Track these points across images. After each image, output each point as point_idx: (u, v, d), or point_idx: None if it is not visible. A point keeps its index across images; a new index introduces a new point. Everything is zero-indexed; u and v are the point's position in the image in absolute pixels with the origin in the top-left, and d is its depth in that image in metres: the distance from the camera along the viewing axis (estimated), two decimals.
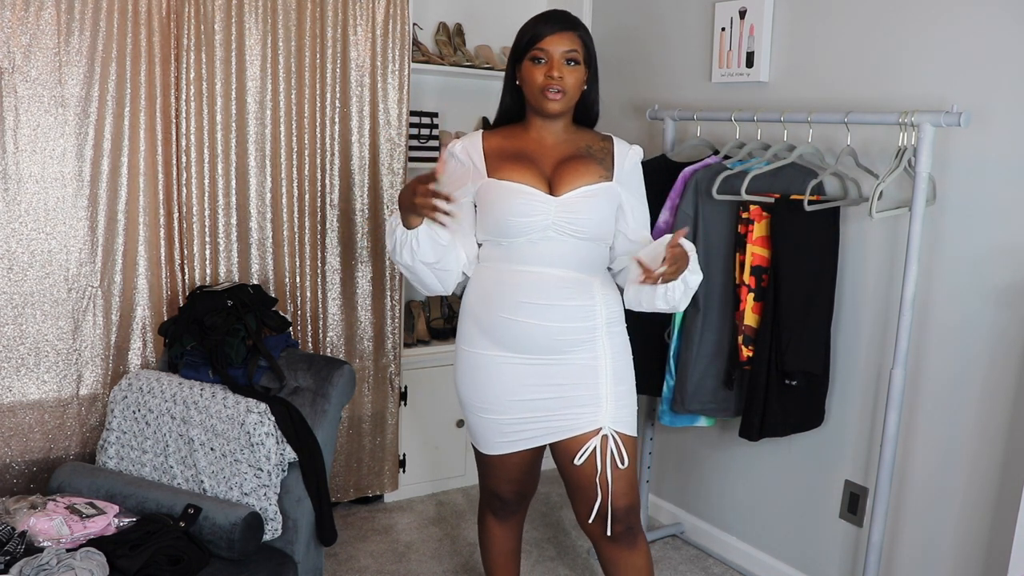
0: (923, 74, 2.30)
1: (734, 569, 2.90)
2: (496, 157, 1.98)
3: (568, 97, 1.93)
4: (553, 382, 1.96)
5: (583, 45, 1.94)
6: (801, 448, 2.69)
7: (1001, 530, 2.19)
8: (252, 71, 2.74)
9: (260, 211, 2.81)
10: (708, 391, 2.55)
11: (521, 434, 2.01)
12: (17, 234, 2.46)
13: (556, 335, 1.93)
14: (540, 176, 1.94)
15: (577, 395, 1.95)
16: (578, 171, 1.94)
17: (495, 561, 2.30)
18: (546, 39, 1.90)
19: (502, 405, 1.99)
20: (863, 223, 2.47)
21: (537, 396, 1.97)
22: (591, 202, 1.93)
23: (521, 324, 1.93)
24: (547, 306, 1.92)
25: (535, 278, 1.93)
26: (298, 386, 2.42)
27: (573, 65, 1.92)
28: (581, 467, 1.94)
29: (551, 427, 1.98)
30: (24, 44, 2.39)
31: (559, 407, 1.96)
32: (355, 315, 3.05)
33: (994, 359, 2.19)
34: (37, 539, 1.98)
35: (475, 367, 2.01)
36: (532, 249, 1.93)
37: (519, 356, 1.96)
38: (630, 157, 2.02)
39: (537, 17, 1.97)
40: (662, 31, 3.12)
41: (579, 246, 1.95)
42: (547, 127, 1.99)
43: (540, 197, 1.91)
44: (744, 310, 2.44)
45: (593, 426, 1.94)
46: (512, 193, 1.92)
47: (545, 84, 1.90)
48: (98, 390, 2.61)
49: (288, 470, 2.26)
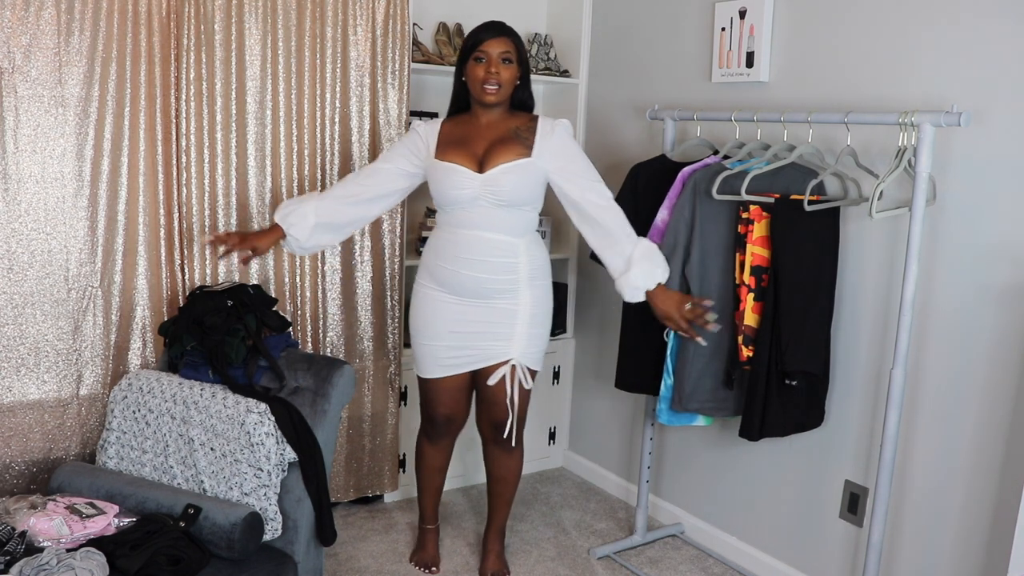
0: (923, 74, 2.30)
1: (734, 569, 2.90)
2: (445, 142, 2.46)
3: (503, 90, 2.41)
4: (479, 319, 2.47)
5: (516, 48, 2.43)
6: (801, 448, 2.69)
7: (1001, 530, 2.19)
8: (252, 71, 2.74)
9: (260, 211, 2.81)
10: (706, 390, 2.55)
11: (452, 360, 2.53)
12: (17, 234, 2.46)
13: (483, 284, 2.43)
14: (472, 157, 2.41)
15: (496, 331, 2.47)
16: (500, 151, 2.40)
17: (424, 474, 2.80)
18: (486, 43, 2.39)
19: (439, 335, 2.51)
20: (863, 223, 2.47)
21: (466, 330, 2.48)
22: (509, 176, 2.37)
23: (457, 274, 2.44)
24: (477, 260, 2.42)
25: (469, 238, 2.42)
26: (298, 386, 2.42)
27: (508, 64, 2.40)
28: (493, 387, 2.50)
29: (474, 356, 2.50)
30: (24, 44, 2.39)
31: (481, 340, 2.48)
32: (355, 315, 3.05)
33: (994, 359, 2.19)
34: (37, 539, 1.98)
35: (423, 303, 2.54)
36: (466, 215, 2.41)
37: (455, 297, 2.48)
38: (554, 132, 2.42)
39: (479, 26, 2.45)
40: (662, 31, 3.12)
41: (504, 212, 2.40)
42: (486, 114, 2.46)
43: (469, 174, 2.39)
44: (744, 310, 2.44)
45: (505, 357, 2.47)
46: (448, 171, 2.41)
47: (485, 79, 2.38)
48: (98, 390, 2.61)
49: (288, 470, 2.26)
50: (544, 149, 2.40)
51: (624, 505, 3.38)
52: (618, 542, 3.01)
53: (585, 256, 3.40)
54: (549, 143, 2.40)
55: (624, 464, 3.44)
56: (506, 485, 2.74)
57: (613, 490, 3.48)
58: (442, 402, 2.62)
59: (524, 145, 2.39)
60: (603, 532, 3.15)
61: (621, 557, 2.94)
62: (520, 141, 2.40)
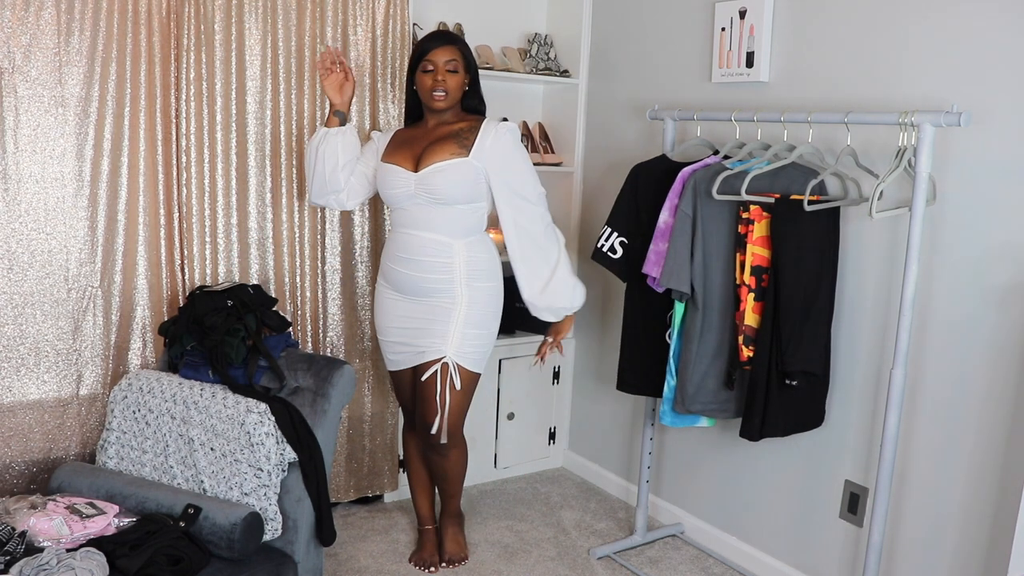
0: (923, 74, 2.30)
1: (734, 569, 2.90)
2: (393, 144, 2.58)
3: (451, 96, 2.50)
4: (419, 316, 2.56)
5: (462, 56, 2.52)
6: (801, 448, 2.69)
7: (1001, 530, 2.19)
8: (252, 71, 2.74)
9: (260, 211, 2.81)
10: (709, 392, 2.55)
11: (399, 356, 2.65)
12: (17, 234, 2.46)
13: (420, 283, 2.53)
14: (410, 157, 2.51)
15: (433, 328, 2.53)
16: (436, 151, 2.47)
17: (411, 466, 2.89)
18: (432, 52, 2.48)
19: (388, 331, 2.65)
20: (863, 223, 2.47)
21: (408, 326, 2.59)
22: (441, 175, 2.44)
23: (397, 272, 2.56)
24: (413, 260, 2.52)
25: (408, 238, 2.53)
26: (298, 386, 2.42)
27: (453, 73, 2.49)
28: (425, 383, 2.54)
29: (414, 352, 2.58)
30: (24, 44, 2.39)
31: (421, 337, 2.56)
32: (355, 315, 3.05)
33: (994, 359, 2.19)
34: (37, 539, 1.98)
35: (378, 300, 2.69)
36: (407, 215, 2.52)
37: (399, 295, 2.60)
38: (496, 134, 2.48)
39: (426, 36, 2.56)
40: (662, 31, 3.12)
41: (440, 211, 2.48)
42: (435, 118, 2.56)
43: (403, 174, 2.49)
44: (744, 310, 2.44)
45: (439, 354, 2.51)
46: (386, 171, 2.54)
47: (432, 87, 2.48)
48: (98, 390, 2.61)
49: (288, 470, 2.26)
50: (482, 149, 2.46)
51: (624, 505, 3.38)
52: (618, 542, 3.01)
53: (585, 256, 3.40)
54: (488, 144, 2.46)
55: (624, 464, 3.44)
56: (445, 481, 2.79)
57: (613, 490, 3.48)
58: (404, 393, 2.77)
59: (462, 145, 2.47)
60: (603, 532, 3.15)
61: (621, 557, 2.94)
62: (458, 141, 2.47)
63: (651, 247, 2.56)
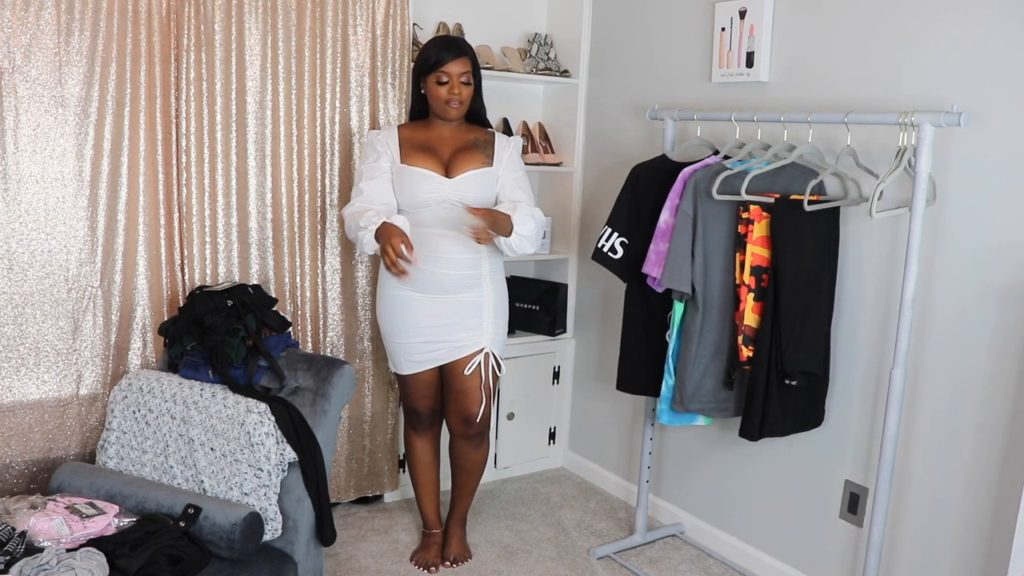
0: (923, 74, 2.30)
1: (734, 569, 2.90)
2: (408, 146, 2.63)
3: (464, 106, 2.62)
4: (445, 312, 2.61)
5: (473, 66, 2.62)
6: (801, 448, 2.69)
7: (1001, 530, 2.19)
8: (252, 71, 2.74)
9: (260, 211, 2.81)
10: (708, 391, 2.55)
11: (427, 355, 2.66)
12: (17, 234, 2.46)
13: (449, 280, 2.58)
14: (439, 162, 2.60)
15: (466, 323, 2.62)
16: (467, 159, 2.61)
17: (418, 470, 2.90)
18: (447, 64, 2.55)
19: (411, 332, 2.65)
20: (863, 223, 2.47)
21: (437, 323, 2.62)
22: (475, 182, 2.60)
23: (423, 271, 2.53)
24: (443, 257, 2.56)
25: (435, 236, 2.56)
26: (298, 386, 2.42)
27: (467, 84, 2.60)
28: (467, 377, 2.64)
29: (448, 347, 2.64)
30: (24, 44, 2.39)
31: (454, 333, 2.63)
32: (355, 315, 3.05)
33: (994, 359, 2.19)
34: (37, 539, 1.98)
35: (391, 304, 2.66)
36: (433, 215, 2.57)
37: (422, 294, 2.60)
38: (509, 147, 2.68)
39: (439, 44, 2.60)
40: (662, 31, 3.12)
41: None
42: (447, 126, 2.67)
43: (437, 178, 2.57)
44: (744, 310, 2.44)
45: (478, 346, 2.63)
46: (414, 175, 2.58)
47: (448, 99, 2.58)
48: (98, 390, 2.61)
49: (288, 470, 2.26)
50: (501, 161, 2.66)
51: (624, 505, 3.38)
52: (618, 542, 3.01)
53: (585, 256, 3.40)
54: (505, 157, 2.67)
55: (624, 464, 3.44)
56: (471, 476, 2.85)
57: (613, 490, 3.48)
58: (423, 395, 2.77)
59: (486, 155, 2.65)
60: (603, 532, 3.15)
61: (621, 557, 2.94)
62: (482, 151, 2.65)
63: (651, 247, 2.56)
